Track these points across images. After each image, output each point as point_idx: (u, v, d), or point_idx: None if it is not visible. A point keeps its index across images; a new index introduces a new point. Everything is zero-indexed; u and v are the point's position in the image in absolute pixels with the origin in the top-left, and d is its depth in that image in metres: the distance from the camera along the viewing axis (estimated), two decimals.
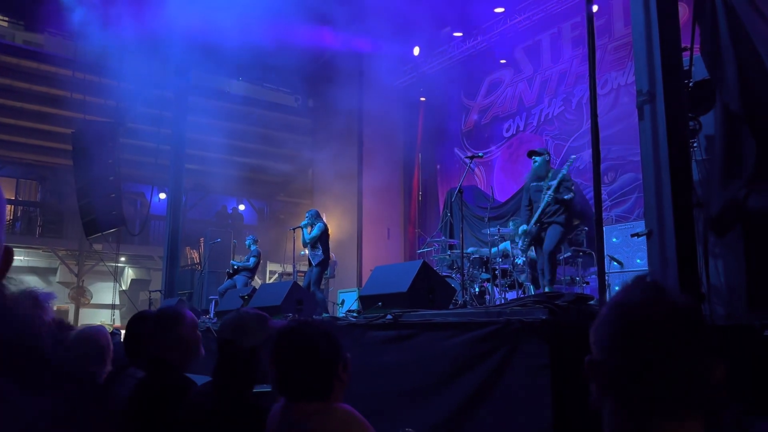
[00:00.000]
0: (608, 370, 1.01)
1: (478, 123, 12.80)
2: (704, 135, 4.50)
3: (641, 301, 1.01)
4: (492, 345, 3.38)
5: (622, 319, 1.01)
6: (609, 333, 1.02)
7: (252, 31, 9.92)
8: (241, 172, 16.54)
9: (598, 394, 1.04)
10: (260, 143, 15.48)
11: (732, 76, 4.07)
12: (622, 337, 1.00)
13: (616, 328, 1.02)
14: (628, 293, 1.04)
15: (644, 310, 1.00)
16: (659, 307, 1.00)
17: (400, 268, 6.12)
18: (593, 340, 1.06)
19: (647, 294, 1.02)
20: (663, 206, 3.75)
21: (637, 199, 9.24)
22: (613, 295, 1.09)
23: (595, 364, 1.04)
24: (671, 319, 0.99)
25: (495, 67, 12.41)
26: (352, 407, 1.78)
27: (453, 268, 8.70)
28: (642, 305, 1.01)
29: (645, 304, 1.01)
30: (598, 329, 1.05)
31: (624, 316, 1.01)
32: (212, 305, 9.33)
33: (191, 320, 2.48)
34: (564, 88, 10.98)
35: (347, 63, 12.69)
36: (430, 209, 13.70)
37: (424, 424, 3.58)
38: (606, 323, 1.04)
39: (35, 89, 13.38)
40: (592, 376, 1.04)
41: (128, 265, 18.12)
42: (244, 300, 7.17)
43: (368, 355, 4.10)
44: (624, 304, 1.03)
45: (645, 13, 4.00)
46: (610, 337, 1.02)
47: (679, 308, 1.00)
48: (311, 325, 1.86)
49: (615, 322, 1.02)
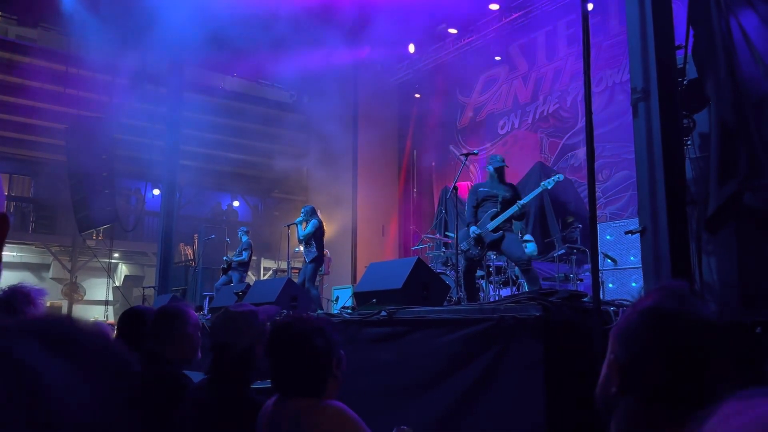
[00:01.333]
0: (635, 372, 1.06)
1: (473, 120, 12.82)
2: (698, 133, 4.52)
3: (675, 309, 1.06)
4: (486, 341, 3.39)
5: (655, 326, 1.06)
6: (640, 338, 1.07)
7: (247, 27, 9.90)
8: (235, 169, 16.49)
9: (616, 393, 1.07)
10: (255, 139, 15.45)
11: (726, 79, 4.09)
12: (655, 344, 1.05)
13: (648, 334, 1.06)
14: (660, 300, 1.09)
15: (678, 320, 1.05)
16: (692, 316, 1.05)
17: (394, 264, 6.12)
18: (620, 342, 1.10)
19: (680, 303, 1.07)
20: (657, 203, 3.76)
21: (631, 196, 9.27)
22: (642, 299, 1.13)
23: (621, 365, 1.08)
24: (703, 329, 1.05)
25: (490, 65, 12.42)
26: (346, 404, 1.78)
27: (447, 264, 8.71)
28: (676, 314, 1.06)
29: (679, 312, 1.06)
30: (627, 332, 1.10)
31: (657, 323, 1.06)
32: (206, 301, 9.33)
33: (195, 321, 2.49)
34: (559, 85, 11.00)
35: (342, 60, 12.68)
36: (425, 206, 13.72)
37: (419, 421, 3.59)
38: (637, 328, 1.08)
39: (28, 84, 13.29)
40: (615, 376, 1.07)
41: (122, 262, 18.05)
42: (238, 296, 7.17)
43: (362, 351, 4.10)
44: (658, 311, 1.07)
45: (640, 11, 4.01)
46: (641, 342, 1.07)
47: (709, 320, 1.06)
48: (306, 320, 1.86)
49: (647, 328, 1.07)
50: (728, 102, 4.11)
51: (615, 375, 1.08)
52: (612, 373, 1.09)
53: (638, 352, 1.06)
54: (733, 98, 4.09)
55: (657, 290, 1.11)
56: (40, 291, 2.33)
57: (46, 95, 13.24)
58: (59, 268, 16.77)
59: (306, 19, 10.57)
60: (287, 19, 10.31)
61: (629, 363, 1.07)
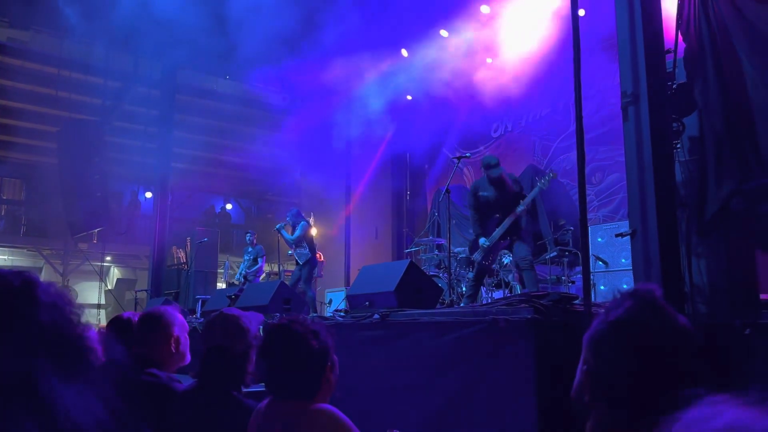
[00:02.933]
0: (605, 381, 1.07)
1: (466, 123, 12.85)
2: (687, 136, 4.56)
3: (644, 319, 1.06)
4: (478, 343, 3.40)
5: (624, 337, 1.06)
6: (610, 347, 1.07)
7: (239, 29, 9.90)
8: (228, 171, 16.46)
9: (590, 400, 1.08)
10: (248, 142, 15.43)
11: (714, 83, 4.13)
12: (624, 354, 1.05)
13: (617, 344, 1.07)
14: (629, 310, 1.08)
15: (648, 330, 1.05)
16: (662, 326, 1.06)
17: (387, 267, 6.13)
18: (591, 351, 1.11)
19: (649, 313, 1.07)
20: (647, 206, 3.80)
21: (623, 199, 9.32)
22: (609, 308, 1.13)
23: (591, 373, 1.09)
24: (673, 339, 1.05)
25: (483, 67, 12.45)
26: (338, 407, 1.79)
27: (440, 267, 8.73)
28: (645, 324, 1.06)
29: (648, 322, 1.06)
30: (599, 341, 1.10)
31: (626, 334, 1.06)
32: (199, 305, 9.30)
33: (181, 322, 2.48)
34: (551, 88, 11.05)
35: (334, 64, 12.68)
36: (418, 209, 13.73)
37: (412, 423, 3.60)
38: (608, 338, 1.08)
39: (20, 87, 13.23)
40: (586, 384, 1.08)
41: (114, 265, 17.98)
42: (231, 300, 7.16)
43: (355, 354, 4.11)
44: (627, 322, 1.07)
45: (629, 16, 4.06)
46: (611, 352, 1.07)
47: (680, 329, 1.06)
48: (301, 322, 1.86)
49: (617, 338, 1.07)
50: (717, 106, 4.15)
51: (586, 383, 1.09)
52: (584, 380, 1.09)
53: (608, 361, 1.07)
54: (722, 102, 4.14)
55: (628, 298, 1.11)
56: None
57: (38, 98, 13.18)
58: (51, 271, 16.69)
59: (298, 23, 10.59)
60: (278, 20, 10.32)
61: (599, 371, 1.07)
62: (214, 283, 12.48)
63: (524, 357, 3.13)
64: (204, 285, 11.68)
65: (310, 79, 12.39)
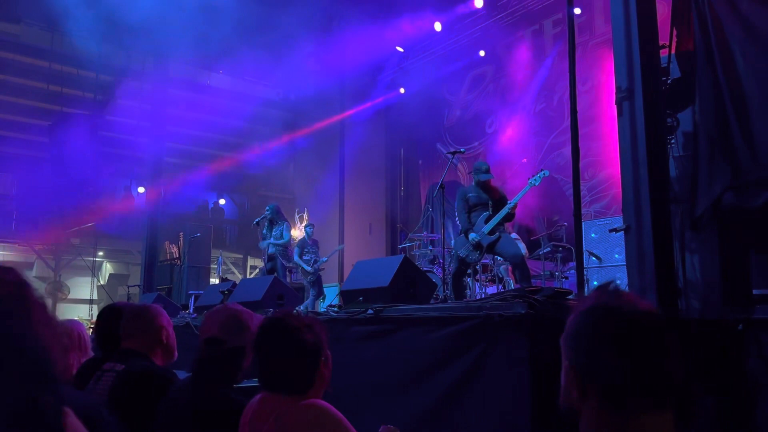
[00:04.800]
0: (591, 371, 1.07)
1: (460, 118, 12.84)
2: (681, 131, 4.57)
3: (615, 303, 1.08)
4: (472, 339, 3.40)
5: (599, 322, 1.08)
6: (588, 336, 1.09)
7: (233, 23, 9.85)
8: (221, 166, 16.40)
9: (578, 397, 1.08)
10: (241, 137, 15.37)
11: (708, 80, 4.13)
12: (604, 339, 1.06)
13: (595, 331, 1.08)
14: (598, 297, 1.11)
15: (621, 312, 1.07)
16: (625, 307, 1.07)
17: (381, 262, 6.13)
18: (571, 347, 1.12)
19: (613, 301, 1.09)
20: (640, 202, 3.80)
21: (615, 194, 9.36)
22: (578, 303, 1.16)
23: (576, 370, 1.09)
24: (641, 318, 1.06)
25: (477, 63, 12.45)
26: (332, 402, 1.78)
27: (434, 263, 8.73)
28: (617, 307, 1.08)
29: (619, 306, 1.08)
30: (576, 335, 1.11)
31: (601, 319, 1.08)
32: (192, 300, 9.27)
33: (166, 315, 2.47)
34: (545, 84, 11.06)
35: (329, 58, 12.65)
36: (412, 204, 13.73)
37: (406, 418, 3.60)
38: (585, 328, 1.10)
39: (11, 80, 13.12)
40: (573, 381, 1.08)
41: (106, 260, 17.88)
42: (224, 295, 7.13)
43: (349, 349, 4.11)
44: (599, 307, 1.09)
45: (624, 12, 4.05)
46: (590, 340, 1.08)
47: (645, 309, 1.08)
48: (296, 316, 1.85)
49: (593, 325, 1.09)
50: (711, 101, 4.15)
51: (573, 380, 1.09)
52: (570, 379, 1.10)
53: (589, 350, 1.07)
54: (715, 98, 4.14)
55: (593, 291, 1.14)
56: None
57: (29, 92, 13.08)
58: (43, 266, 16.58)
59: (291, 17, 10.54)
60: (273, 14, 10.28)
61: (583, 364, 1.08)
62: (207, 278, 12.44)
63: (518, 352, 3.13)
64: (197, 280, 11.64)
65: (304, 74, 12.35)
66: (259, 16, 10.25)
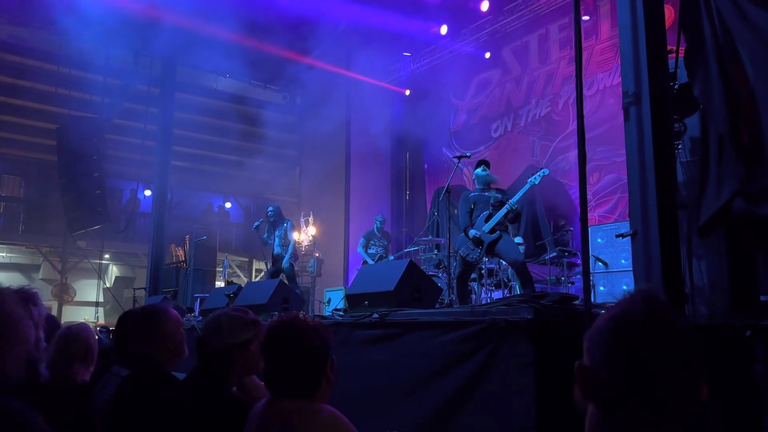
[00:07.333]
0: (595, 379, 1.03)
1: (466, 123, 12.83)
2: (689, 137, 4.55)
3: (643, 318, 1.02)
4: (478, 344, 3.39)
5: (620, 333, 1.02)
6: (604, 344, 1.04)
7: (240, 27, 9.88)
8: (227, 170, 16.44)
9: (582, 398, 1.06)
10: (247, 140, 15.41)
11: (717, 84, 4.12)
12: (618, 351, 1.02)
13: (612, 341, 1.03)
14: (629, 307, 1.05)
15: (644, 328, 1.01)
16: (661, 326, 1.01)
17: (386, 267, 6.13)
18: (586, 347, 1.08)
19: (649, 311, 1.03)
20: (648, 207, 3.78)
21: (620, 199, 9.33)
22: (613, 305, 1.09)
23: (583, 370, 1.06)
24: (671, 340, 1.00)
25: (483, 68, 12.45)
26: (338, 406, 1.78)
27: (440, 267, 8.72)
28: (643, 323, 1.02)
29: (646, 321, 1.02)
30: (593, 338, 1.07)
31: (623, 330, 1.02)
32: (197, 303, 9.28)
33: (175, 318, 2.47)
34: (551, 89, 11.04)
35: (335, 62, 12.68)
36: (417, 208, 13.72)
37: (411, 423, 3.59)
38: (602, 334, 1.05)
39: (19, 84, 13.20)
40: (579, 381, 1.06)
41: (112, 263, 17.95)
42: (229, 298, 7.14)
43: (354, 353, 4.10)
44: (625, 318, 1.04)
45: (632, 16, 4.04)
46: (604, 348, 1.03)
47: (680, 330, 1.02)
48: (303, 320, 1.85)
49: (612, 334, 1.03)
50: (719, 106, 4.14)
51: (578, 378, 1.06)
52: (576, 375, 1.07)
53: (599, 358, 1.03)
54: (724, 103, 4.13)
55: (628, 297, 1.08)
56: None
57: (37, 95, 13.16)
58: (49, 269, 16.66)
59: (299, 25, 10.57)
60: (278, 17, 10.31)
61: (591, 368, 1.05)
62: (212, 281, 12.46)
63: (524, 357, 3.12)
64: (202, 283, 11.66)
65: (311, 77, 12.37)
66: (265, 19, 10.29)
